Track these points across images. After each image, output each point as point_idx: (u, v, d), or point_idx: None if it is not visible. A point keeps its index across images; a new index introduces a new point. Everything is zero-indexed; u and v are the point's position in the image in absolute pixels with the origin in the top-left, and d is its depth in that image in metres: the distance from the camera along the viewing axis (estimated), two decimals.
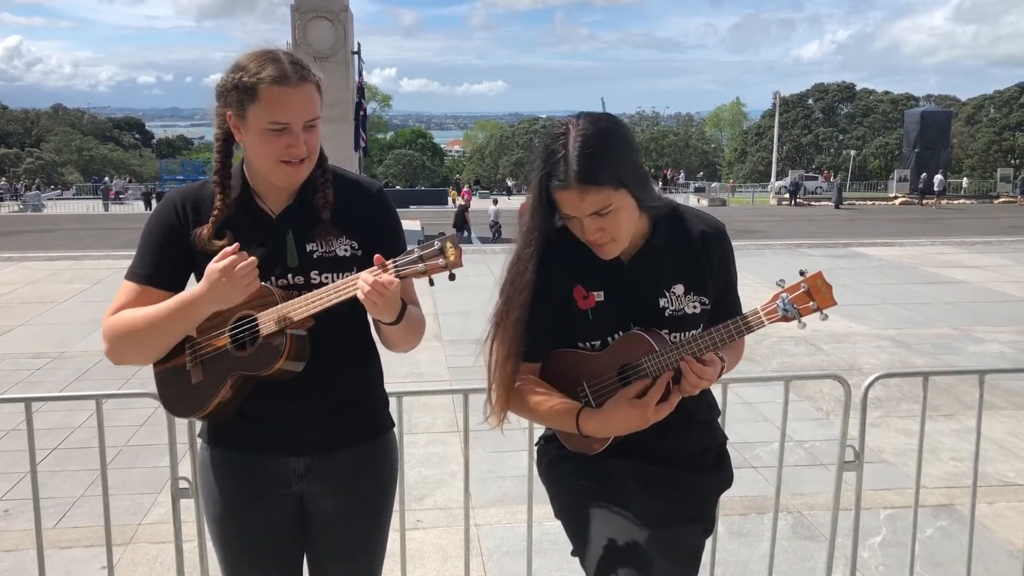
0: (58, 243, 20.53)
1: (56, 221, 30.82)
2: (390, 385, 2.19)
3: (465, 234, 24.04)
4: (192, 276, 1.98)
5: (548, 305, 1.92)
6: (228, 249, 1.80)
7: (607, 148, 1.77)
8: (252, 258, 1.79)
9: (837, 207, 36.58)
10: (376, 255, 1.76)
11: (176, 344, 1.94)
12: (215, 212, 1.91)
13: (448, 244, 1.71)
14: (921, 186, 39.42)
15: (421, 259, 1.72)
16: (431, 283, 1.77)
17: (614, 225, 1.82)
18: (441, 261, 1.71)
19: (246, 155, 1.92)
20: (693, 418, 2.00)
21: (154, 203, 41.08)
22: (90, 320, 9.40)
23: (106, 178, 51.66)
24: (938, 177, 40.42)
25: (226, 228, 1.91)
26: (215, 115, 1.91)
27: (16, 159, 65.68)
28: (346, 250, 1.95)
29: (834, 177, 47.70)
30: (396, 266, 1.73)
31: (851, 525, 3.12)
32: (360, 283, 1.74)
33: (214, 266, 1.79)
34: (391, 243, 1.95)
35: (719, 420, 2.17)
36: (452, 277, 1.73)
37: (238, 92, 1.82)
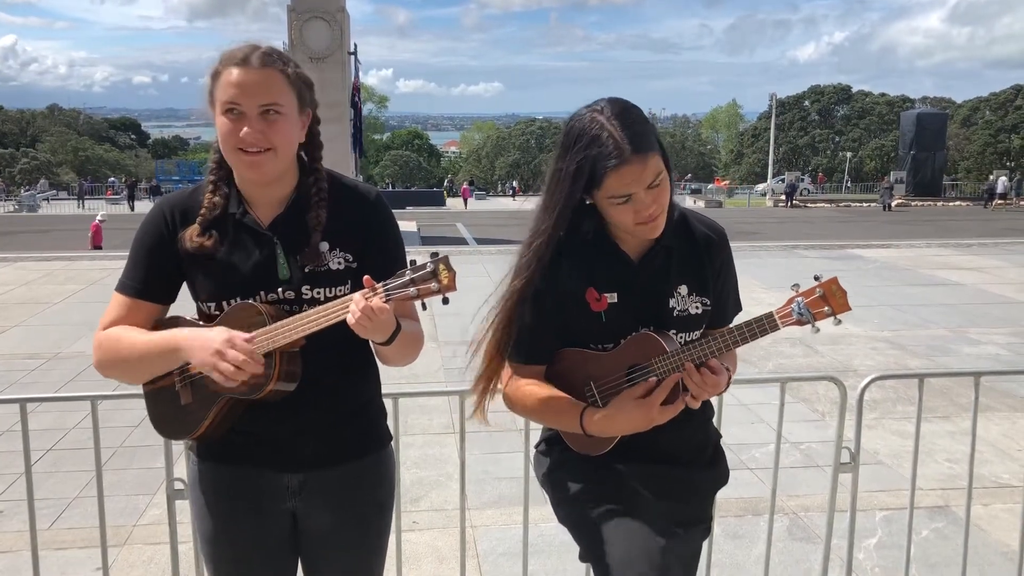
0: (54, 244, 20.47)
1: (51, 222, 30.72)
2: (386, 386, 2.15)
3: None
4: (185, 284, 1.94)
5: (556, 309, 1.91)
6: (246, 346, 1.72)
7: (642, 119, 1.82)
8: (260, 367, 1.72)
9: (888, 209, 35.28)
10: (365, 276, 1.68)
11: None
12: (202, 211, 1.86)
13: (441, 267, 1.64)
14: (987, 188, 39.68)
15: (413, 282, 1.65)
16: (424, 307, 1.71)
17: (664, 196, 1.83)
18: (434, 285, 1.64)
19: None
20: (690, 416, 2.00)
21: (136, 204, 40.82)
22: (85, 321, 9.37)
23: (41, 181, 52.35)
24: (1002, 179, 40.68)
25: (214, 236, 1.86)
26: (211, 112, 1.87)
27: (11, 159, 65.50)
28: (339, 263, 1.88)
29: (887, 178, 44.39)
30: (386, 289, 1.66)
31: (847, 527, 3.12)
32: (352, 306, 1.67)
33: (212, 344, 1.72)
34: (389, 252, 1.90)
35: (713, 420, 2.17)
36: (446, 301, 1.67)
37: (211, 80, 1.80)
